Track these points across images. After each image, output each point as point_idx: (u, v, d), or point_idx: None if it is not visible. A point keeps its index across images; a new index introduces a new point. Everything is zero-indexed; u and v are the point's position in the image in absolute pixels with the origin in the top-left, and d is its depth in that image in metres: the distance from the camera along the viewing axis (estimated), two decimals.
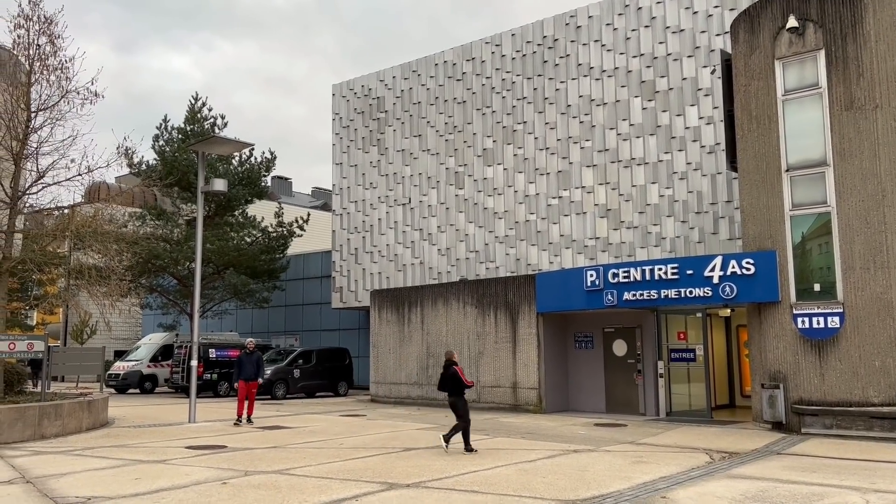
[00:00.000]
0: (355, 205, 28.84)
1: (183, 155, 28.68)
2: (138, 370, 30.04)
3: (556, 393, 19.20)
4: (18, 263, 15.30)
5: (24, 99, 14.47)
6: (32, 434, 12.88)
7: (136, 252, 20.66)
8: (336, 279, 29.33)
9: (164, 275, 30.26)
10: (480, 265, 24.71)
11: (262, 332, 34.48)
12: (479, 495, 8.01)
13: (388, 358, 22.99)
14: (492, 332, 20.16)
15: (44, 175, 14.72)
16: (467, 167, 25.45)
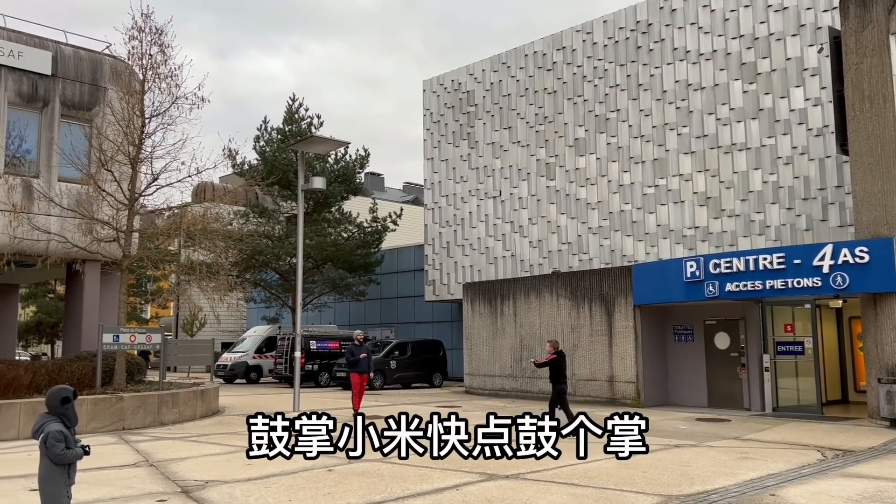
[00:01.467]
0: (446, 199, 29.10)
1: (282, 154, 29.78)
2: (244, 361, 31.45)
3: (654, 387, 18.79)
4: (136, 261, 16.35)
5: (138, 106, 15.42)
6: (153, 421, 13.77)
7: (240, 248, 21.68)
8: (428, 272, 29.72)
9: (266, 270, 31.56)
10: (573, 257, 24.44)
11: (358, 325, 35.37)
12: (578, 488, 7.99)
13: (482, 350, 23.13)
14: (586, 324, 19.93)
15: (157, 177, 15.65)
16: (558, 158, 25.20)
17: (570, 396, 19.82)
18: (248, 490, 7.88)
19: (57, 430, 5.12)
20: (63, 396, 5.19)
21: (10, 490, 7.84)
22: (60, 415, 5.17)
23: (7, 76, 16.90)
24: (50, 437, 5.07)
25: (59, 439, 5.11)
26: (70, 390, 5.27)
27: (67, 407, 5.19)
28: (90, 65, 18.25)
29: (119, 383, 14.83)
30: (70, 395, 5.22)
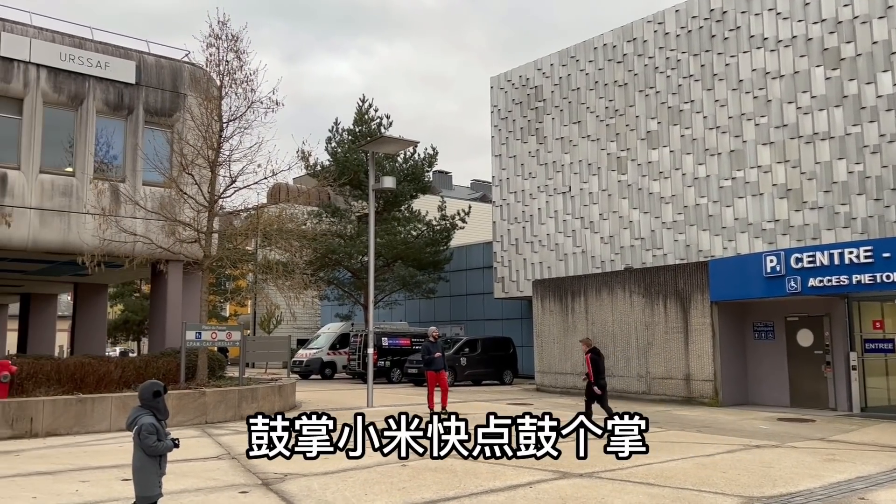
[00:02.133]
0: (515, 195, 28.98)
1: (353, 155, 30.29)
2: (319, 357, 32.18)
3: (733, 385, 18.23)
4: (216, 261, 16.95)
5: (216, 111, 15.98)
6: (233, 415, 14.26)
7: (314, 248, 22.18)
8: (497, 269, 29.68)
9: (339, 268, 32.17)
10: (647, 253, 23.96)
11: (428, 322, 35.65)
12: (654, 488, 7.85)
13: (553, 348, 22.94)
14: (661, 322, 19.50)
15: (235, 180, 16.19)
16: (630, 151, 24.73)
17: (645, 395, 19.50)
18: (325, 483, 8.07)
19: (150, 422, 5.38)
20: (154, 390, 5.45)
21: (104, 479, 8.27)
22: (152, 408, 5.42)
23: (95, 86, 17.80)
24: (143, 430, 5.33)
25: (152, 431, 5.37)
26: (160, 385, 5.53)
27: (158, 400, 5.44)
28: (171, 73, 19.02)
29: (202, 379, 15.41)
30: (161, 390, 5.48)
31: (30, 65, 16.86)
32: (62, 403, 12.30)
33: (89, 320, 25.56)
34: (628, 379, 20.17)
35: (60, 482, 8.15)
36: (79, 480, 8.21)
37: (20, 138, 16.77)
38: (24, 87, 16.81)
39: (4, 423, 11.67)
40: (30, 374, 12.96)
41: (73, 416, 12.30)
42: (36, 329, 27.76)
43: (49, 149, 17.20)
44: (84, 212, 16.99)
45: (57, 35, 17.49)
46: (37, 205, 16.71)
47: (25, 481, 8.25)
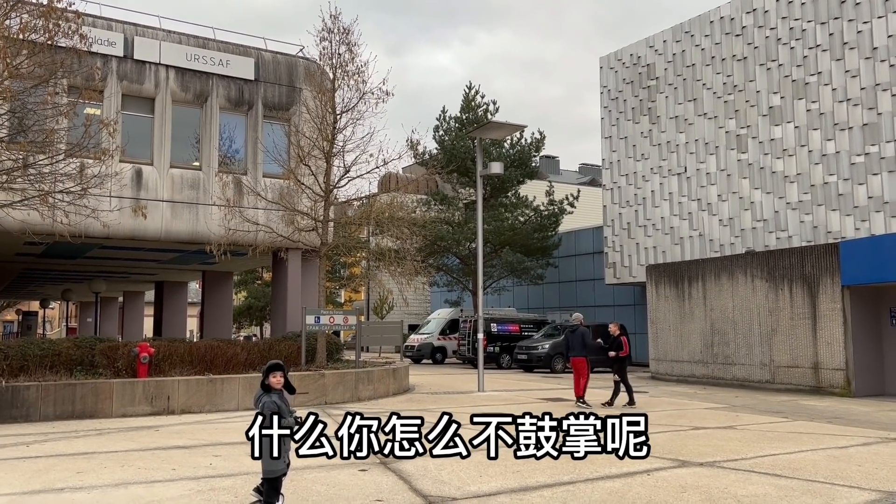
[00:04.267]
0: (626, 178, 28.22)
1: (460, 142, 30.45)
2: (430, 342, 32.72)
3: (867, 374, 17.03)
4: (332, 248, 17.54)
5: (330, 103, 16.47)
6: (350, 396, 14.76)
7: (424, 235, 22.51)
8: (608, 255, 29.06)
9: (447, 255, 32.52)
10: (769, 235, 22.73)
11: (537, 308, 35.48)
12: (782, 479, 7.46)
13: (668, 335, 22.24)
14: (786, 307, 18.47)
15: (349, 170, 16.65)
16: (750, 129, 23.48)
17: (768, 384, 18.57)
18: (440, 464, 8.20)
19: (271, 401, 5.65)
20: (265, 368, 5.76)
21: (235, 454, 8.78)
22: (263, 384, 5.71)
23: (218, 83, 18.78)
24: (266, 407, 5.61)
25: (274, 409, 5.64)
26: (276, 362, 5.84)
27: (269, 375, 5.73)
28: (286, 68, 19.78)
29: (321, 361, 16.03)
30: (274, 366, 5.76)
31: (160, 66, 18.00)
32: (195, 383, 13.15)
33: (216, 306, 27.16)
34: (750, 367, 19.27)
35: (196, 456, 8.72)
36: (212, 455, 8.75)
37: (153, 136, 17.97)
38: (154, 87, 17.97)
39: (145, 400, 12.62)
40: (165, 355, 13.92)
41: (204, 394, 13.13)
42: (169, 314, 29.79)
43: (178, 145, 18.33)
44: (210, 203, 18.01)
45: (183, 37, 18.57)
46: (168, 198, 17.87)
47: (165, 454, 8.89)
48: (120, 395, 12.42)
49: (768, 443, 9.94)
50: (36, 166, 12.34)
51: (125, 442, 9.86)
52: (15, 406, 11.73)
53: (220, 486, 7.05)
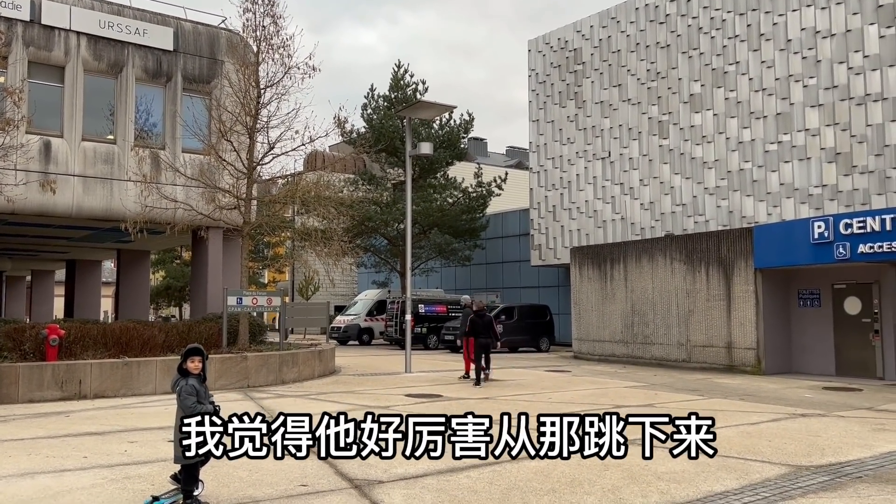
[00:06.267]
0: (552, 161, 28.60)
1: (389, 122, 30.13)
2: (357, 324, 32.49)
3: (776, 354, 17.90)
4: (255, 227, 17.07)
5: (254, 77, 15.93)
6: (275, 379, 14.46)
7: (351, 215, 22.23)
8: (534, 237, 29.46)
9: (375, 235, 32.26)
10: (688, 219, 23.50)
11: (464, 289, 35.69)
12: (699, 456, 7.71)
13: (591, 315, 22.76)
14: (703, 289, 19.17)
15: (273, 146, 16.18)
16: (672, 115, 24.14)
17: (685, 363, 19.27)
18: None
19: (190, 384, 5.44)
20: (184, 351, 5.56)
21: (151, 440, 8.44)
22: (181, 368, 5.51)
23: (134, 53, 17.89)
24: (183, 391, 5.40)
25: (191, 392, 5.43)
26: (195, 346, 5.63)
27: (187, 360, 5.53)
28: (208, 39, 19.01)
29: (243, 343, 15.63)
30: (192, 350, 5.56)
31: (70, 32, 16.99)
32: (109, 366, 12.59)
33: (132, 286, 26.12)
34: (668, 347, 19.95)
35: (109, 443, 8.34)
36: (127, 441, 8.39)
37: (63, 106, 16.98)
38: (65, 55, 16.96)
39: (55, 384, 11.99)
40: (77, 337, 13.27)
41: (119, 378, 12.59)
42: (82, 294, 28.47)
43: (90, 116, 17.40)
44: (126, 179, 17.21)
45: (96, 2, 17.57)
46: (80, 172, 16.97)
47: (76, 441, 8.46)
48: (27, 380, 11.76)
49: None
50: None
51: (32, 429, 9.33)
52: None
53: (136, 473, 6.75)
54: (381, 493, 6.13)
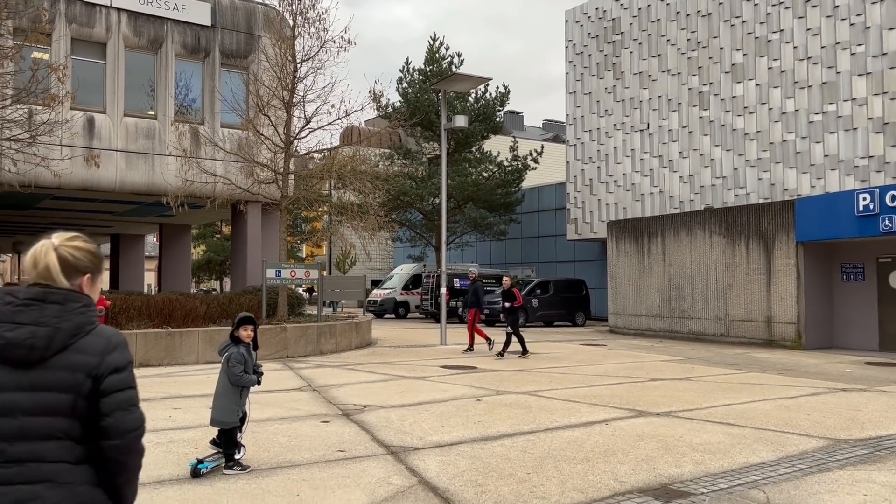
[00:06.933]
0: (589, 134, 28.25)
1: (424, 95, 30.04)
2: (392, 297, 32.77)
3: (817, 328, 17.59)
4: (293, 201, 17.27)
5: (290, 51, 16.02)
6: (312, 350, 14.72)
7: (387, 189, 22.31)
8: (570, 211, 29.24)
9: (410, 210, 32.37)
10: (728, 192, 23.08)
11: (499, 264, 35.71)
12: (735, 428, 7.69)
13: (627, 289, 22.61)
14: (742, 263, 18.87)
15: (310, 121, 16.31)
16: (713, 86, 23.61)
17: (723, 337, 19.06)
18: (402, 415, 8.26)
19: (239, 351, 5.59)
20: (237, 319, 5.68)
21: (194, 407, 8.70)
22: (233, 335, 5.64)
23: (172, 29, 18.10)
24: (232, 358, 5.55)
25: (240, 361, 5.59)
26: (248, 315, 5.77)
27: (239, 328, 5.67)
28: (245, 14, 19.13)
29: (282, 315, 15.92)
30: (245, 319, 5.69)
31: (111, 9, 17.24)
32: (153, 336, 12.95)
33: (174, 260, 26.69)
34: (706, 321, 19.74)
35: (154, 409, 8.62)
36: (171, 407, 8.66)
37: (105, 82, 17.30)
38: (106, 31, 17.24)
39: None
40: (122, 308, 13.66)
41: (163, 348, 12.95)
42: (126, 268, 29.21)
43: (132, 92, 17.71)
44: (167, 154, 17.52)
45: None
46: (122, 147, 17.32)
47: None
48: None
49: (722, 393, 10.23)
50: None
51: None
52: None
53: (180, 437, 6.99)
54: (417, 459, 6.25)
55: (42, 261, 1.98)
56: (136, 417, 1.95)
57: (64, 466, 1.85)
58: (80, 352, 1.90)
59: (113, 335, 1.99)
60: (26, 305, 1.90)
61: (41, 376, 1.86)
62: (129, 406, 1.94)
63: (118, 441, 1.90)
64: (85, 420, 1.89)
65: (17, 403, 1.84)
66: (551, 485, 5.51)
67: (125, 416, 1.92)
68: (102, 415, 1.90)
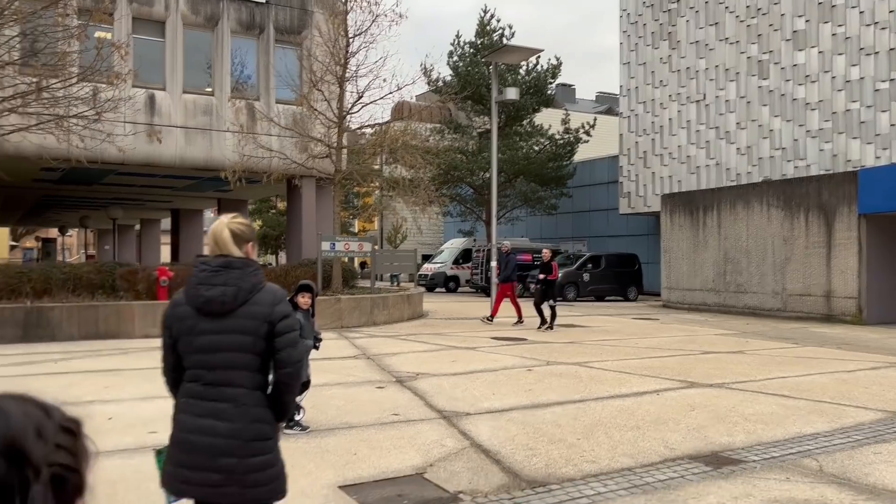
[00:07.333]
0: (644, 105, 27.73)
1: (475, 69, 29.89)
2: (443, 271, 33.00)
3: (880, 303, 17.08)
4: (346, 176, 17.54)
5: (342, 26, 16.17)
6: (366, 321, 15.04)
7: (437, 164, 22.41)
8: (623, 184, 28.85)
9: (461, 184, 32.41)
10: (787, 164, 22.43)
11: (550, 238, 35.53)
12: (790, 400, 7.63)
13: (681, 264, 22.29)
14: (801, 236, 18.40)
15: (362, 95, 16.48)
16: (773, 54, 22.86)
17: (780, 312, 18.69)
18: (454, 383, 8.44)
19: (296, 318, 5.83)
20: (297, 287, 5.94)
21: None
22: (291, 301, 5.88)
23: (228, 6, 18.43)
24: None
25: (296, 327, 5.82)
26: (308, 283, 6.04)
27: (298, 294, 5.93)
28: None
29: (336, 287, 16.27)
30: (304, 286, 5.96)
31: None
32: None
33: None
34: (762, 296, 19.37)
35: None
36: None
37: (164, 60, 17.78)
38: (165, 9, 17.67)
39: None
40: (184, 279, 14.16)
41: None
42: (185, 241, 30.12)
43: (190, 70, 18.14)
44: (224, 129, 17.95)
45: None
46: (181, 123, 17.82)
47: None
48: (142, 317, 12.74)
49: (777, 366, 10.11)
50: (49, 90, 12.32)
51: (149, 360, 10.14)
52: (41, 326, 12.08)
53: None
54: (469, 423, 6.41)
55: (220, 235, 2.62)
56: (299, 352, 2.60)
57: (243, 391, 2.48)
58: (257, 304, 2.51)
59: (278, 290, 2.61)
60: (216, 272, 2.53)
61: (231, 323, 2.49)
62: (295, 343, 2.56)
63: (289, 369, 2.53)
64: (260, 354, 2.51)
65: (215, 343, 2.49)
66: (601, 450, 5.60)
67: (293, 351, 2.55)
68: (277, 350, 2.51)
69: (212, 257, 2.62)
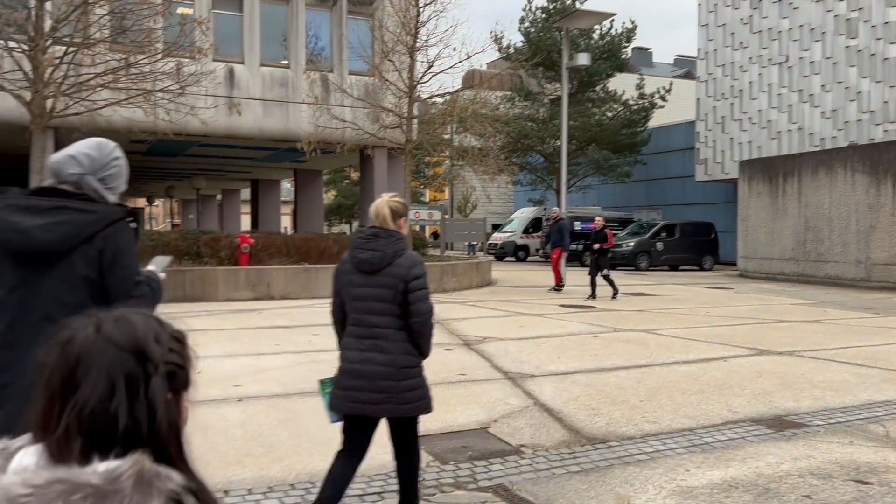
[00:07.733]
0: (722, 69, 26.82)
1: (546, 34, 29.53)
2: (512, 241, 33.05)
3: None
4: (417, 145, 17.80)
5: None
6: (436, 287, 15.36)
7: (507, 132, 22.39)
8: (700, 151, 28.10)
9: (531, 153, 32.24)
10: (876, 127, 21.38)
11: (623, 207, 35.02)
12: (863, 368, 7.50)
13: (759, 232, 21.68)
14: (888, 203, 17.62)
15: (432, 65, 16.63)
16: (863, 11, 21.68)
17: (863, 282, 18.04)
18: (520, 347, 8.65)
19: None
20: None
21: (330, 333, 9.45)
22: None
23: None
24: None
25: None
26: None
27: None
28: None
29: None
30: None
31: None
32: (292, 272, 14.03)
33: (308, 204, 28.20)
34: (844, 265, 18.70)
35: (296, 334, 9.50)
36: (311, 334, 9.50)
37: (242, 34, 18.36)
38: None
39: (247, 286, 13.60)
40: (264, 246, 14.83)
41: (300, 282, 14.01)
42: (264, 211, 31.18)
43: (266, 43, 18.67)
44: (300, 101, 18.46)
45: None
46: (259, 96, 18.42)
47: (269, 332, 9.72)
48: (225, 281, 13.44)
49: (854, 336, 9.88)
50: (137, 66, 12.98)
51: (232, 321, 10.79)
52: None
53: (319, 359, 7.72)
54: (533, 384, 6.62)
55: (381, 211, 3.31)
56: (428, 305, 3.30)
57: (391, 331, 3.24)
58: (398, 266, 3.23)
59: (414, 256, 3.32)
60: (368, 239, 3.28)
61: (378, 279, 3.24)
62: (425, 298, 3.28)
63: (419, 318, 3.25)
64: (400, 304, 3.23)
65: (367, 294, 3.27)
66: (663, 412, 5.72)
67: (422, 304, 3.26)
68: (410, 303, 3.22)
69: (367, 228, 3.35)
